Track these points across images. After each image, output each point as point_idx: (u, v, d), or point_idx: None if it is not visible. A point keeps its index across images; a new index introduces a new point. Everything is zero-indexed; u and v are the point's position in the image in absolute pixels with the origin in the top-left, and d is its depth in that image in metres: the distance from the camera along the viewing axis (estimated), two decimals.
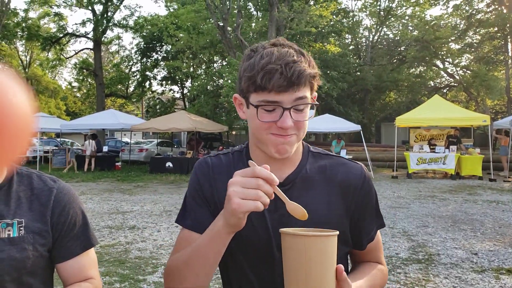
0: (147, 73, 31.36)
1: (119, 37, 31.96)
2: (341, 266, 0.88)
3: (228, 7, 19.23)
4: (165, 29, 26.41)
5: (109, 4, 26.76)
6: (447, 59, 27.53)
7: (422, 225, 6.98)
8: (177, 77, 30.54)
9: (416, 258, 5.17)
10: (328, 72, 21.36)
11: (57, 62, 32.05)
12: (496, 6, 24.95)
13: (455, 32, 26.20)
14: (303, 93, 0.95)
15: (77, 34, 28.47)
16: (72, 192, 1.17)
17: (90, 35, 27.44)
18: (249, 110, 1.00)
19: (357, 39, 34.11)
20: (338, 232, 0.88)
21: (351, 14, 33.06)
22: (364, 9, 33.72)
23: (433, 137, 16.27)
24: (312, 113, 1.01)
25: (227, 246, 0.95)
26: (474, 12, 25.92)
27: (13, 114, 0.80)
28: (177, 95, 34.44)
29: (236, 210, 0.84)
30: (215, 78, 25.45)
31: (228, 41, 19.52)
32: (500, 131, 15.81)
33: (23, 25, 27.44)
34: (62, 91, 40.87)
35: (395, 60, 31.64)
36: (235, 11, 19.78)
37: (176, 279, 1.00)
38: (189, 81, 31.55)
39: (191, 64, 30.59)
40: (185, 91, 32.30)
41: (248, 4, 26.37)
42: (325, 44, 25.98)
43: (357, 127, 17.05)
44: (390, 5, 31.52)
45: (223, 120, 22.89)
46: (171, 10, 30.27)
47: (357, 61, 30.77)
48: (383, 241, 5.53)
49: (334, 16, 26.41)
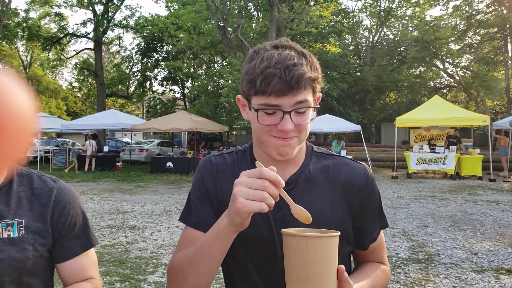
0: (148, 73, 31.35)
1: (119, 37, 31.90)
2: (342, 267, 0.88)
3: (229, 7, 19.24)
4: (165, 30, 26.44)
5: (109, 4, 26.75)
6: (447, 60, 27.52)
7: (422, 225, 6.99)
8: (177, 77, 30.55)
9: (416, 258, 5.18)
10: (328, 72, 21.35)
11: (58, 62, 32.08)
12: (496, 7, 24.94)
13: (455, 32, 26.19)
14: (303, 97, 0.94)
15: (78, 34, 28.47)
16: (73, 192, 1.17)
17: (91, 35, 27.45)
18: (251, 112, 1.00)
19: (357, 39, 34.09)
20: (339, 233, 0.88)
21: (351, 14, 33.07)
22: (364, 10, 33.76)
23: (433, 137, 16.28)
24: (314, 115, 1.00)
25: (230, 245, 0.95)
26: (474, 13, 25.91)
27: (14, 114, 0.80)
28: (178, 95, 34.47)
29: (240, 210, 0.84)
30: (215, 79, 25.50)
31: (228, 41, 19.53)
32: (499, 131, 15.81)
33: (24, 25, 27.43)
34: (62, 91, 40.89)
35: (395, 61, 31.63)
36: (236, 12, 19.79)
37: (179, 276, 1.00)
38: (190, 81, 31.57)
39: (192, 64, 30.61)
40: (186, 91, 32.30)
41: (248, 4, 26.38)
42: (325, 44, 25.99)
43: (357, 127, 17.06)
44: (390, 5, 31.53)
45: (224, 120, 22.91)
46: (172, 11, 30.29)
47: (357, 61, 30.75)
48: None
49: (334, 17, 26.43)
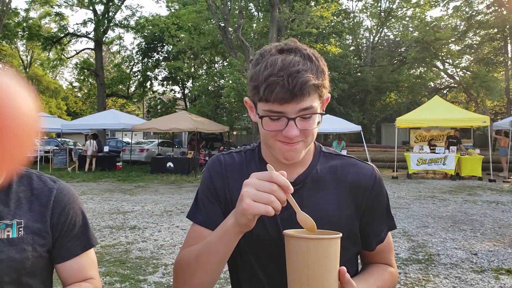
0: (148, 73, 31.35)
1: (120, 37, 31.90)
2: (344, 268, 0.88)
3: (229, 7, 19.24)
4: (166, 30, 26.45)
5: (110, 4, 26.76)
6: (447, 60, 27.54)
7: (422, 226, 6.98)
8: (178, 77, 30.55)
9: (416, 258, 5.18)
10: (329, 73, 21.32)
11: (58, 62, 32.09)
12: (496, 8, 24.93)
13: (455, 33, 26.20)
14: (308, 104, 0.93)
15: (78, 34, 28.47)
16: (72, 193, 1.17)
17: (91, 35, 27.46)
18: (258, 116, 1.01)
19: (358, 40, 34.10)
20: (341, 234, 0.88)
21: (351, 15, 33.07)
22: (364, 10, 33.77)
23: (433, 138, 16.27)
24: (320, 119, 0.99)
25: (236, 245, 0.95)
26: (474, 14, 25.91)
27: (16, 115, 0.80)
28: (178, 95, 34.47)
29: (246, 210, 0.84)
30: (216, 79, 25.54)
31: (229, 41, 19.53)
32: (499, 132, 15.81)
33: (24, 25, 27.43)
34: (63, 91, 40.89)
35: (395, 61, 31.63)
36: (236, 12, 19.79)
37: (186, 273, 1.01)
38: (190, 81, 31.57)
39: (192, 64, 30.61)
40: (186, 91, 32.30)
41: (249, 4, 26.37)
42: (326, 45, 25.97)
43: (357, 128, 17.06)
44: (391, 6, 31.55)
45: (224, 121, 22.94)
46: (172, 11, 30.29)
47: (357, 62, 30.78)
48: None
49: (335, 17, 26.41)
